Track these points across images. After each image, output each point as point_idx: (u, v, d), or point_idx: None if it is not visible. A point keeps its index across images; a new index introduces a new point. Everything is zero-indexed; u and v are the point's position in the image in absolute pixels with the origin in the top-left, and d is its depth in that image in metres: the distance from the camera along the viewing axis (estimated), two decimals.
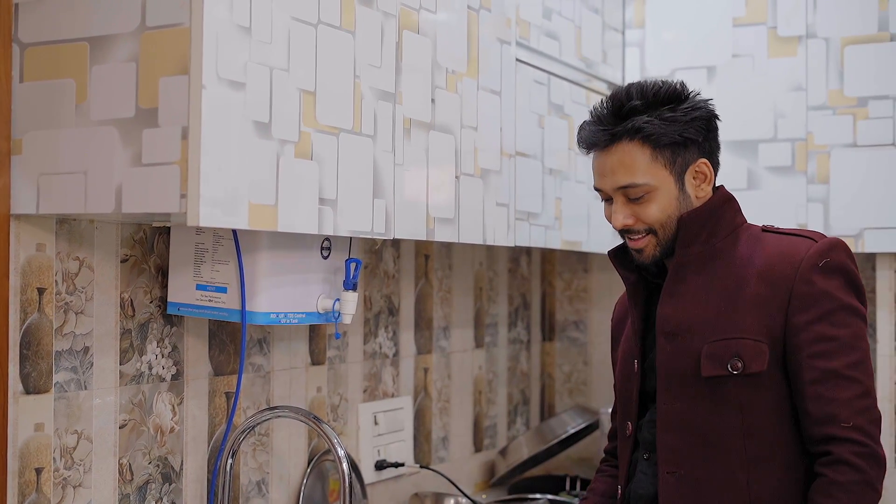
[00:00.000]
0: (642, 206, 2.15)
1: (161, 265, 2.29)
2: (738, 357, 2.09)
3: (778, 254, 2.12)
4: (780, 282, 2.09)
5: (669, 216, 2.16)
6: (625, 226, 2.17)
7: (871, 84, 3.20)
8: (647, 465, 2.21)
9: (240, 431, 2.36)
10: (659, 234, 2.16)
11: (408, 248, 3.10)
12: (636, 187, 2.14)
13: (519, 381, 3.73)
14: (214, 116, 1.82)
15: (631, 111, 2.14)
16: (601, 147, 2.17)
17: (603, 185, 2.19)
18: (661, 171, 2.14)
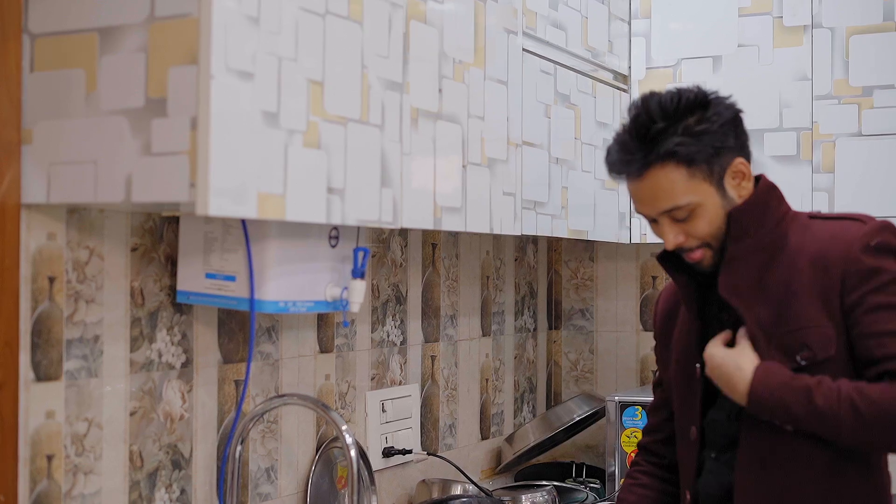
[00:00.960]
0: (690, 224, 2.11)
1: (170, 254, 2.30)
2: (805, 347, 2.07)
3: (828, 239, 2.11)
4: (833, 266, 2.07)
5: (719, 226, 2.13)
6: (677, 245, 2.14)
7: (877, 73, 3.20)
8: (715, 464, 2.20)
9: (249, 419, 2.38)
10: (713, 244, 2.14)
11: (415, 237, 3.11)
12: (679, 209, 2.09)
13: (525, 368, 3.74)
14: (223, 106, 1.82)
15: (658, 134, 2.07)
16: (634, 176, 2.12)
17: (645, 212, 2.15)
18: (701, 185, 2.09)
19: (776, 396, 2.04)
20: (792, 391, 2.04)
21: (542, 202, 2.92)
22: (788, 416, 2.05)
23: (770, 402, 2.05)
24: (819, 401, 2.01)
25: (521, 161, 2.81)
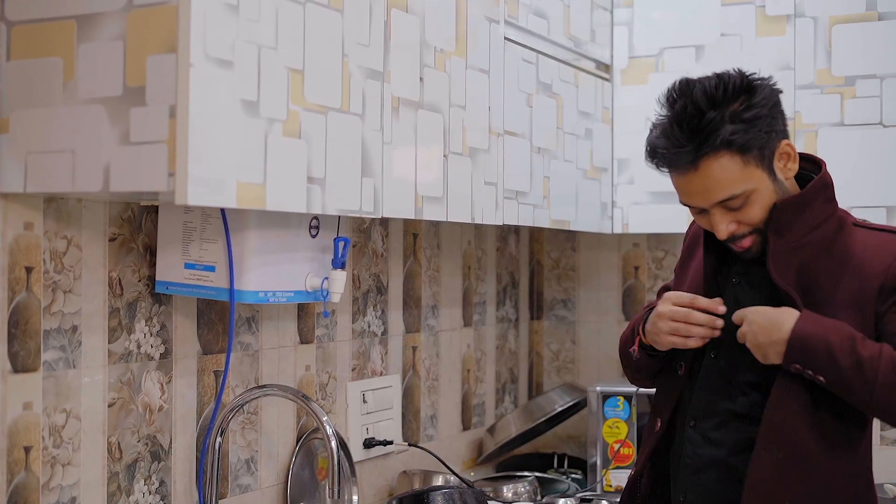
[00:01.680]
0: (744, 212, 2.09)
1: (149, 244, 2.28)
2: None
3: (871, 249, 2.11)
4: (873, 277, 2.08)
5: (769, 210, 2.11)
6: (730, 234, 2.11)
7: (859, 63, 3.20)
8: (693, 433, 2.21)
9: (228, 410, 2.37)
10: (763, 229, 2.12)
11: (396, 227, 3.10)
12: (736, 198, 2.07)
13: (507, 359, 3.74)
14: (202, 95, 1.81)
15: (709, 124, 2.03)
16: (685, 169, 2.07)
17: (698, 203, 2.11)
18: (755, 171, 2.07)
19: (821, 334, 2.03)
20: (838, 333, 2.03)
21: (523, 192, 2.91)
22: (831, 361, 2.02)
23: (815, 339, 2.02)
24: (862, 351, 2.01)
25: (503, 150, 2.80)
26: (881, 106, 3.17)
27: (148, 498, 2.29)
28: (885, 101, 3.17)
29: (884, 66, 3.17)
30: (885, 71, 3.17)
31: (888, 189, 3.17)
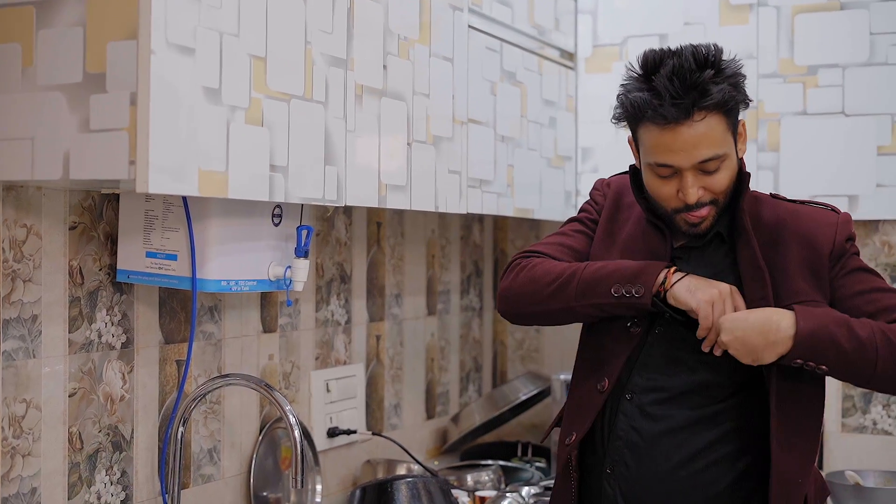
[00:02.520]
0: (714, 177, 2.10)
1: (110, 232, 2.27)
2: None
3: (811, 221, 2.18)
4: (822, 247, 2.15)
5: (732, 182, 2.14)
6: (698, 199, 2.10)
7: (822, 52, 3.22)
8: (629, 406, 2.20)
9: (191, 399, 2.35)
10: (720, 204, 2.14)
11: (360, 216, 3.09)
12: (717, 158, 2.08)
13: (471, 348, 3.74)
14: (163, 82, 1.80)
15: (708, 82, 2.04)
16: (677, 121, 2.05)
17: (679, 161, 2.08)
18: (730, 139, 2.11)
19: (823, 328, 2.05)
20: (835, 322, 2.06)
21: (487, 180, 2.91)
22: (835, 351, 2.05)
23: (819, 335, 2.04)
24: (860, 331, 2.05)
25: (467, 139, 2.79)
26: (843, 95, 3.19)
27: (109, 488, 2.27)
28: (848, 90, 3.18)
29: (846, 56, 3.19)
30: (847, 60, 3.19)
31: (850, 178, 3.19)
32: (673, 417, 2.16)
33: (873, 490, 3.00)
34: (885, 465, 3.23)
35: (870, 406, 3.27)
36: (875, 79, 3.16)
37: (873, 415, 3.27)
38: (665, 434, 2.16)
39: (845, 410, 3.29)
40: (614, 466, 2.19)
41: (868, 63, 3.17)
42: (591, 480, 2.24)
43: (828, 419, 3.29)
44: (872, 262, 3.26)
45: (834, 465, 3.27)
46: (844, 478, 3.06)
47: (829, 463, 3.29)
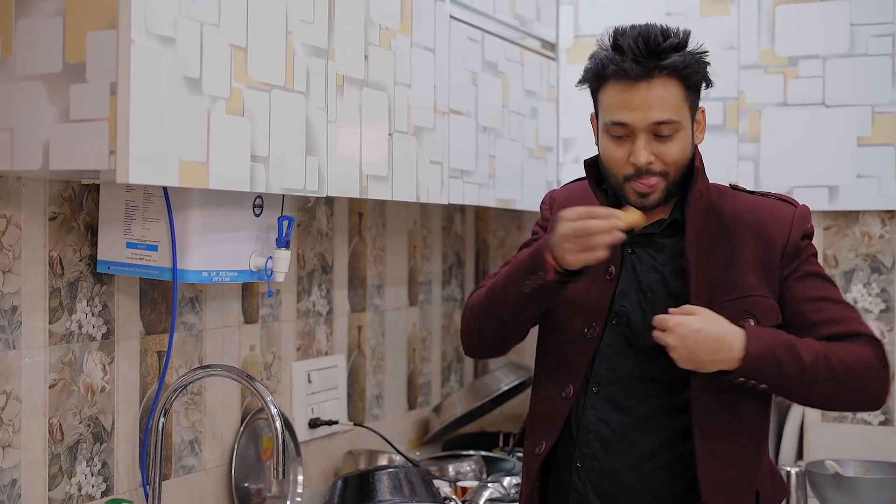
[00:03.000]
0: (666, 145, 2.11)
1: (90, 223, 2.26)
2: (750, 315, 2.11)
3: (766, 214, 2.18)
4: (776, 240, 2.15)
5: (684, 157, 2.14)
6: (648, 164, 2.11)
7: (802, 44, 3.23)
8: (596, 399, 2.19)
9: (172, 390, 2.35)
10: (669, 177, 2.13)
11: (341, 206, 3.08)
12: (670, 124, 2.10)
13: (453, 338, 3.74)
14: (144, 72, 1.79)
15: (671, 47, 2.10)
16: (637, 79, 2.09)
17: (634, 120, 2.10)
18: (687, 111, 2.14)
19: (770, 353, 2.05)
20: (783, 347, 2.06)
21: (469, 171, 2.91)
22: (778, 374, 2.06)
23: (765, 359, 2.05)
24: (805, 356, 2.06)
25: (449, 129, 2.79)
26: (824, 86, 3.20)
27: (90, 479, 2.27)
28: (828, 81, 3.19)
29: (826, 47, 3.20)
30: (827, 51, 3.19)
31: (830, 169, 3.20)
32: (642, 407, 2.15)
33: (853, 479, 3.01)
34: (865, 454, 3.24)
35: None
36: (855, 70, 3.17)
37: None
38: (635, 424, 2.15)
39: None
40: (584, 460, 2.19)
41: (848, 54, 3.18)
42: (560, 476, 2.24)
43: (808, 409, 3.31)
44: (853, 252, 3.28)
45: (814, 455, 3.28)
46: (824, 467, 3.08)
47: (809, 452, 3.30)
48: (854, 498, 2.97)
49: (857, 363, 2.08)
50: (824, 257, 3.30)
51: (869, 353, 2.10)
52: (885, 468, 3.11)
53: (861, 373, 2.08)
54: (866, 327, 2.15)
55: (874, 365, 2.10)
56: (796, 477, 3.00)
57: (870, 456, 3.23)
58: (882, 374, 2.12)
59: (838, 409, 2.18)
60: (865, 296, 3.27)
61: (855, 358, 2.08)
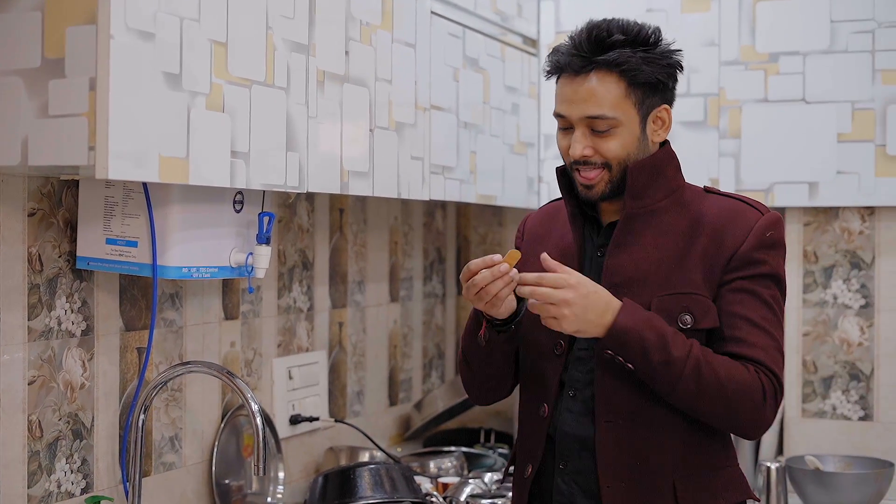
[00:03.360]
0: (604, 140, 2.13)
1: (70, 219, 2.25)
2: (687, 312, 2.10)
3: (728, 216, 2.15)
4: (728, 243, 2.12)
5: (628, 154, 2.14)
6: (583, 156, 2.13)
7: (782, 40, 3.23)
8: (573, 402, 2.19)
9: (152, 387, 2.34)
10: (613, 171, 2.14)
11: (322, 202, 3.08)
12: (604, 119, 2.11)
13: (434, 334, 3.74)
14: (123, 67, 1.78)
15: (613, 44, 2.11)
16: (576, 73, 2.13)
17: (569, 112, 2.14)
18: (631, 108, 2.13)
19: (638, 330, 2.04)
20: (654, 333, 2.05)
21: (450, 167, 2.91)
22: (643, 356, 2.05)
23: (631, 336, 2.04)
24: (673, 350, 2.04)
25: (430, 125, 2.79)
26: (804, 82, 3.21)
27: (70, 477, 2.26)
28: (808, 77, 3.20)
29: (807, 44, 3.21)
30: (807, 48, 3.20)
31: (810, 165, 3.21)
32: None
33: (833, 475, 3.03)
34: (845, 449, 3.26)
35: (829, 391, 3.30)
36: (835, 66, 3.18)
37: (833, 400, 3.29)
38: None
39: (805, 396, 3.32)
40: (567, 462, 2.19)
41: (829, 51, 3.19)
42: (544, 479, 2.24)
43: (788, 405, 3.32)
44: (832, 248, 3.29)
45: (794, 450, 3.29)
46: (804, 462, 3.09)
47: (789, 448, 3.31)
48: (834, 493, 2.98)
49: (732, 382, 2.04)
50: (804, 253, 3.31)
51: (753, 380, 2.06)
52: (865, 463, 3.13)
53: (733, 392, 2.04)
54: (773, 361, 2.09)
55: (753, 393, 2.05)
56: (776, 472, 3.02)
57: (850, 451, 3.24)
58: (759, 407, 2.06)
59: (707, 420, 2.09)
60: (845, 291, 3.28)
61: (732, 377, 2.05)
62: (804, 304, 3.32)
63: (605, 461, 2.13)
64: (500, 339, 2.19)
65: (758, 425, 2.11)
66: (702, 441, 2.14)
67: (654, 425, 2.12)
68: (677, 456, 2.13)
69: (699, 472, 2.14)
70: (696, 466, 2.14)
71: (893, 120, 3.13)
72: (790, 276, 3.32)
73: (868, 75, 3.15)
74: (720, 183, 3.25)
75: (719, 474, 2.16)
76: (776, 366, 2.09)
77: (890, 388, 3.24)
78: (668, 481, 2.12)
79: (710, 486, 2.14)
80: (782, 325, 2.14)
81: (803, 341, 3.32)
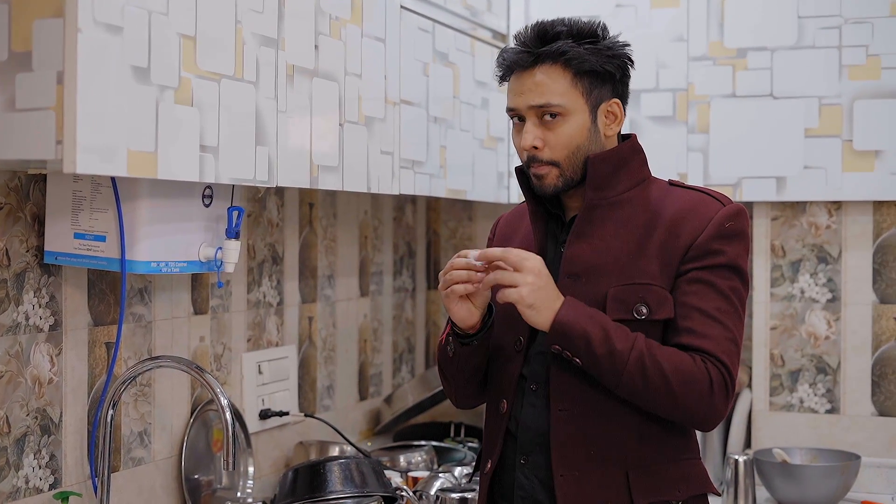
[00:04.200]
0: (553, 131, 2.15)
1: (37, 213, 2.24)
2: (643, 302, 2.10)
3: (689, 207, 2.15)
4: (686, 234, 2.12)
5: (578, 147, 2.15)
6: (533, 147, 2.15)
7: (751, 36, 3.25)
8: (535, 397, 2.20)
9: (120, 382, 2.33)
10: (562, 167, 2.15)
11: (292, 197, 3.07)
12: (551, 107, 2.13)
13: (404, 329, 3.74)
14: (91, 61, 1.78)
15: (556, 36, 2.15)
16: (522, 68, 2.17)
17: (517, 104, 2.17)
18: (578, 98, 2.15)
19: (580, 324, 2.06)
20: (597, 326, 2.06)
21: (420, 161, 2.91)
22: (586, 350, 2.06)
23: (573, 329, 2.06)
24: (617, 343, 2.05)
25: (399, 120, 2.79)
26: (772, 78, 3.23)
27: (38, 472, 2.25)
28: (776, 73, 3.22)
29: (774, 39, 3.22)
30: (775, 43, 3.22)
31: (778, 160, 3.23)
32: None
33: (800, 467, 3.05)
34: (812, 442, 3.28)
35: (797, 385, 3.32)
36: (803, 62, 3.20)
37: (800, 393, 3.32)
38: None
39: (773, 389, 3.34)
40: (528, 456, 2.19)
41: (796, 46, 3.21)
42: (506, 475, 2.25)
43: (756, 398, 3.34)
44: (800, 243, 3.31)
45: (762, 443, 3.32)
46: (772, 455, 3.11)
47: (757, 441, 3.34)
48: (801, 485, 3.00)
49: (677, 374, 2.05)
50: (771, 247, 3.33)
51: (699, 372, 2.06)
52: (832, 456, 3.15)
53: (678, 384, 2.05)
54: (723, 352, 2.08)
55: (699, 384, 2.06)
56: (744, 465, 3.04)
57: (816, 444, 3.27)
58: (706, 398, 2.06)
59: (656, 411, 2.08)
60: (812, 286, 3.30)
61: (677, 368, 2.05)
62: (772, 298, 3.34)
63: (559, 451, 2.14)
64: (465, 351, 2.22)
65: (707, 416, 2.10)
66: (658, 433, 2.14)
67: (609, 417, 2.13)
68: (632, 447, 2.13)
69: (655, 464, 2.14)
70: (652, 458, 2.14)
71: (860, 115, 3.16)
72: (757, 271, 3.34)
73: (835, 71, 3.17)
74: (688, 177, 3.26)
75: (676, 466, 2.16)
76: (727, 356, 2.08)
77: (856, 381, 3.26)
78: (622, 472, 2.12)
79: (665, 478, 2.14)
80: (741, 315, 2.14)
81: (771, 335, 3.34)
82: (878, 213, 3.25)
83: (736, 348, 2.11)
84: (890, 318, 3.24)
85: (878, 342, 3.25)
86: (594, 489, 2.12)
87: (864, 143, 3.16)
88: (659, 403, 2.08)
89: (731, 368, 2.09)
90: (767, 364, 3.34)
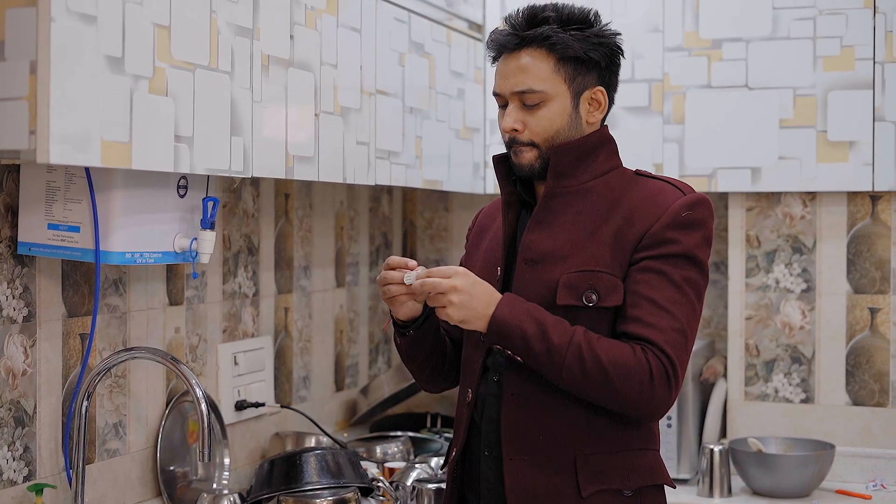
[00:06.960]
0: (533, 115, 2.16)
1: (11, 204, 2.22)
2: (592, 290, 2.11)
3: (646, 196, 2.15)
4: (641, 222, 2.12)
5: (557, 131, 2.16)
6: (513, 129, 2.16)
7: (726, 27, 3.26)
8: (496, 387, 2.20)
9: (95, 373, 2.32)
10: (541, 149, 2.17)
11: (267, 187, 3.07)
12: (533, 93, 2.15)
13: (380, 320, 3.74)
14: (64, 50, 1.77)
15: (543, 21, 2.17)
16: (509, 50, 2.19)
17: (502, 88, 2.19)
18: (561, 84, 2.16)
19: (517, 321, 2.07)
20: (533, 322, 2.07)
21: (396, 152, 2.90)
22: (524, 346, 2.07)
23: (510, 327, 2.07)
24: (554, 338, 2.06)
25: (375, 110, 2.78)
26: (747, 69, 3.23)
27: (12, 464, 2.24)
28: (751, 64, 3.23)
29: (750, 30, 3.23)
30: (750, 34, 3.23)
31: (753, 150, 3.23)
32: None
33: (774, 456, 3.06)
34: (786, 431, 3.29)
35: (772, 374, 3.33)
36: (778, 53, 3.21)
37: (775, 383, 3.33)
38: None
39: (748, 379, 3.35)
40: (491, 449, 2.20)
41: (771, 37, 3.22)
42: (472, 465, 2.25)
43: (731, 387, 3.35)
44: (774, 233, 3.32)
45: (737, 433, 3.33)
46: (747, 444, 3.12)
47: (731, 430, 3.35)
48: (776, 474, 3.02)
49: (615, 366, 2.05)
50: (747, 238, 3.34)
51: (639, 362, 2.05)
52: (807, 445, 3.17)
53: (616, 376, 2.05)
54: (668, 342, 2.07)
55: (638, 375, 2.05)
56: (720, 454, 3.05)
57: (791, 433, 3.28)
58: (646, 388, 2.05)
59: (599, 403, 2.10)
60: (787, 276, 3.32)
61: (614, 360, 2.05)
62: (747, 289, 3.35)
63: (509, 435, 2.15)
64: (407, 341, 2.26)
65: (649, 407, 2.09)
66: (607, 423, 2.14)
67: (558, 406, 2.14)
68: (581, 436, 2.13)
69: (604, 454, 2.14)
70: (603, 447, 2.14)
71: (835, 106, 3.17)
72: (732, 261, 3.35)
73: (809, 62, 3.18)
74: (664, 168, 3.27)
75: (627, 457, 2.15)
76: (671, 347, 2.07)
77: (831, 371, 3.28)
78: (570, 460, 2.12)
79: (615, 468, 2.14)
80: (695, 306, 2.13)
81: (746, 325, 3.35)
82: (853, 204, 3.26)
83: (683, 339, 2.09)
84: (864, 307, 3.26)
85: (852, 332, 3.27)
86: (542, 475, 2.13)
87: (839, 134, 3.17)
88: (600, 395, 2.09)
89: (675, 359, 2.07)
90: (742, 354, 3.35)
